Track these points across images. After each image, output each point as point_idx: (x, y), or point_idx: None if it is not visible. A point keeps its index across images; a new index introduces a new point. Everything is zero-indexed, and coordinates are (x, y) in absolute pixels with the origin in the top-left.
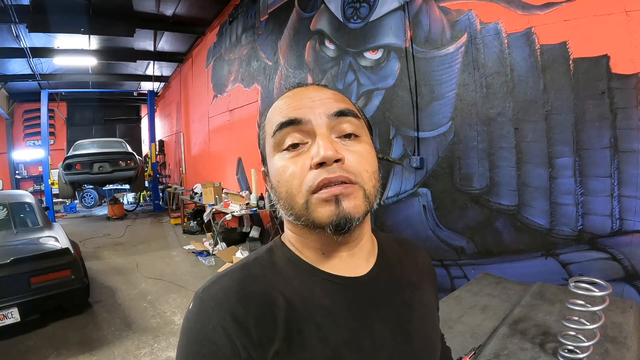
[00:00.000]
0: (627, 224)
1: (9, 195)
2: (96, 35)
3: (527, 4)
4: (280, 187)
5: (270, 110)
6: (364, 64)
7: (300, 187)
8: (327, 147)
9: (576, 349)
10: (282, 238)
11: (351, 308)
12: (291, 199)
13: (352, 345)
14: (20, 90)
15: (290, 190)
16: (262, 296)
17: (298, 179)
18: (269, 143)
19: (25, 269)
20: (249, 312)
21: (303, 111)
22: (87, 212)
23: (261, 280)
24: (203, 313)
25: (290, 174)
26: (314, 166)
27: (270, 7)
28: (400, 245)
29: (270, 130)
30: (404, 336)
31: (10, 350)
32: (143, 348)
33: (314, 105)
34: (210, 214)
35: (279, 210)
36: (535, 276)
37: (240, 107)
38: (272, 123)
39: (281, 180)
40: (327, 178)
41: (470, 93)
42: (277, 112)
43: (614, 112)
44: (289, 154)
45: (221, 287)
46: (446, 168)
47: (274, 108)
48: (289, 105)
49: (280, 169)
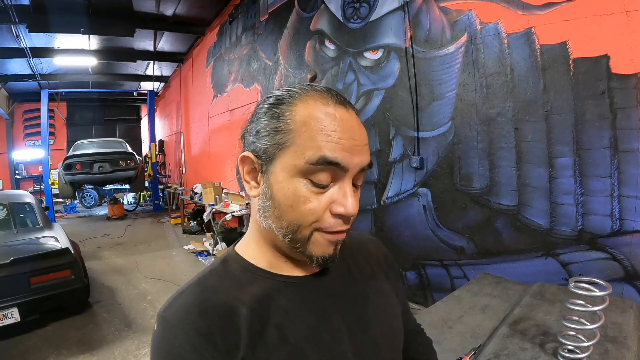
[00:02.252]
0: (627, 224)
1: (9, 195)
2: (96, 35)
3: (527, 4)
4: (290, 212)
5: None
6: (364, 64)
7: (312, 224)
8: (354, 205)
9: (576, 349)
10: (237, 247)
11: (307, 305)
12: (298, 228)
13: (311, 340)
14: (20, 90)
15: (301, 222)
16: (222, 306)
17: (315, 217)
18: (293, 156)
19: (25, 269)
20: (212, 324)
21: (349, 157)
22: (87, 212)
23: (219, 291)
24: (167, 332)
25: (309, 210)
26: (335, 215)
27: (270, 7)
28: (351, 239)
29: (306, 150)
30: (362, 326)
31: (10, 350)
32: (143, 348)
33: (356, 152)
34: (210, 214)
35: (267, 220)
36: (535, 276)
37: (240, 107)
38: (312, 144)
39: (295, 208)
40: (341, 230)
41: (470, 93)
42: (320, 134)
43: (614, 112)
44: (314, 188)
45: (181, 303)
46: (446, 168)
47: (316, 121)
48: (337, 138)
49: (300, 198)
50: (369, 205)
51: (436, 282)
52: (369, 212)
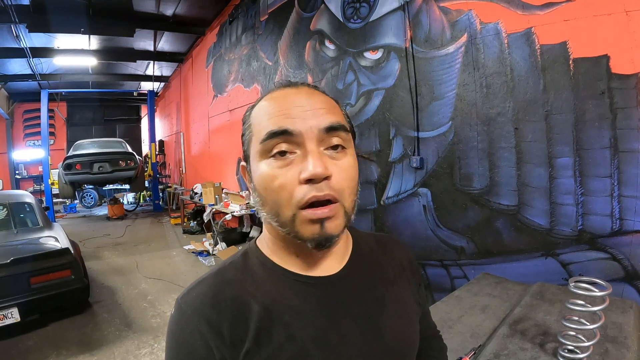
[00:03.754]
0: (627, 224)
1: (9, 195)
2: (96, 35)
3: (527, 4)
4: (267, 195)
5: (258, 109)
6: (364, 64)
7: (289, 201)
8: (317, 164)
9: (576, 349)
10: (258, 241)
11: (320, 307)
12: (279, 209)
13: (318, 342)
14: (20, 90)
15: (278, 202)
16: (235, 300)
17: (287, 192)
18: (254, 145)
19: (25, 269)
20: (222, 317)
21: (294, 121)
22: (87, 212)
23: (234, 285)
24: (182, 318)
25: (279, 185)
26: (303, 181)
27: (270, 7)
28: (378, 243)
29: (258, 134)
30: (375, 332)
31: (10, 350)
32: (143, 348)
33: (306, 115)
34: (210, 214)
35: (260, 212)
36: (535, 276)
37: (240, 107)
38: (261, 127)
39: (268, 189)
40: (316, 196)
41: (470, 93)
42: (266, 116)
43: (614, 112)
44: (276, 162)
45: (197, 293)
46: (446, 168)
47: (262, 109)
48: (280, 112)
49: (267, 177)
50: (369, 205)
51: (436, 282)
52: (369, 212)
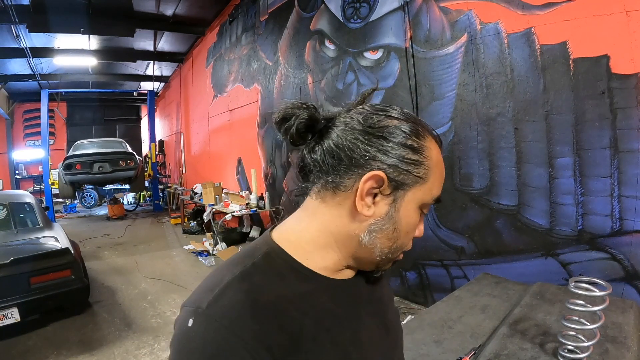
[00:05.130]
0: (627, 224)
1: (9, 195)
2: (96, 35)
3: (527, 4)
4: (402, 236)
5: (436, 159)
6: (364, 64)
7: (403, 246)
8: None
9: (576, 349)
10: (278, 241)
11: (349, 308)
12: (399, 249)
13: (355, 344)
14: (20, 90)
15: (404, 245)
16: (273, 308)
17: (409, 240)
18: (426, 191)
19: (25, 269)
20: (266, 328)
21: None
22: (87, 212)
23: (267, 290)
24: (215, 333)
25: (411, 235)
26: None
27: (270, 7)
28: None
29: (433, 189)
30: (386, 329)
31: (10, 350)
32: (143, 348)
33: None
34: (210, 214)
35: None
36: (535, 276)
37: (240, 107)
38: (436, 184)
39: (408, 233)
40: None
41: (470, 93)
42: (440, 177)
43: (614, 112)
44: (420, 216)
45: (229, 302)
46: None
47: (438, 165)
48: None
49: (412, 226)
50: None
51: (436, 282)
52: None
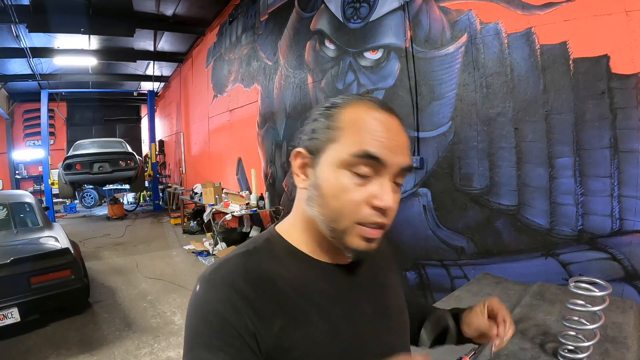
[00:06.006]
0: (627, 224)
1: (9, 195)
2: (96, 35)
3: (527, 4)
4: (332, 201)
5: (356, 117)
6: (364, 64)
7: (351, 215)
8: (392, 199)
9: (576, 349)
10: (279, 230)
11: (343, 290)
12: (338, 217)
13: (346, 320)
14: (20, 90)
15: (341, 212)
16: (266, 278)
17: (353, 207)
18: (339, 150)
19: (25, 269)
20: (255, 291)
21: (387, 153)
22: (87, 212)
23: (264, 266)
24: (211, 291)
25: (350, 200)
26: (373, 207)
27: (270, 7)
28: None
29: (352, 144)
30: (384, 313)
31: (10, 350)
32: (143, 348)
33: (397, 151)
34: (210, 214)
35: (313, 209)
36: (535, 276)
37: (240, 107)
38: (357, 139)
39: (336, 197)
40: (378, 222)
41: (470, 93)
42: (366, 132)
43: (614, 112)
44: (355, 178)
45: (228, 268)
46: (446, 168)
47: (363, 121)
48: (380, 137)
49: (341, 188)
50: None
51: (436, 282)
52: None
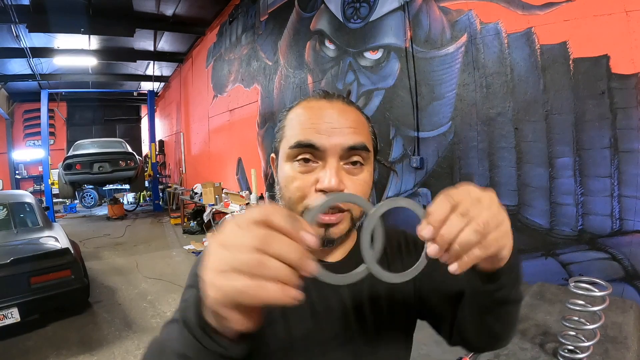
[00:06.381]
0: (627, 224)
1: (9, 195)
2: (96, 35)
3: (527, 4)
4: (285, 192)
5: (293, 114)
6: (364, 64)
7: (300, 202)
8: (333, 179)
9: (576, 349)
10: None
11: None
12: (290, 204)
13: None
14: (20, 90)
15: (292, 199)
16: None
17: (301, 194)
18: (284, 147)
19: (25, 269)
20: None
21: (321, 137)
22: (87, 212)
23: None
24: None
25: (296, 187)
26: (317, 190)
27: (270, 7)
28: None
29: (289, 138)
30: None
31: (10, 350)
32: (143, 348)
33: (333, 132)
34: (210, 214)
35: (279, 201)
36: (535, 276)
37: (240, 107)
38: (292, 133)
39: (286, 187)
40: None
41: (470, 93)
42: (298, 124)
43: (614, 112)
44: (299, 167)
45: None
46: (446, 168)
47: (297, 115)
48: (310, 124)
49: (288, 178)
50: None
51: None
52: None
